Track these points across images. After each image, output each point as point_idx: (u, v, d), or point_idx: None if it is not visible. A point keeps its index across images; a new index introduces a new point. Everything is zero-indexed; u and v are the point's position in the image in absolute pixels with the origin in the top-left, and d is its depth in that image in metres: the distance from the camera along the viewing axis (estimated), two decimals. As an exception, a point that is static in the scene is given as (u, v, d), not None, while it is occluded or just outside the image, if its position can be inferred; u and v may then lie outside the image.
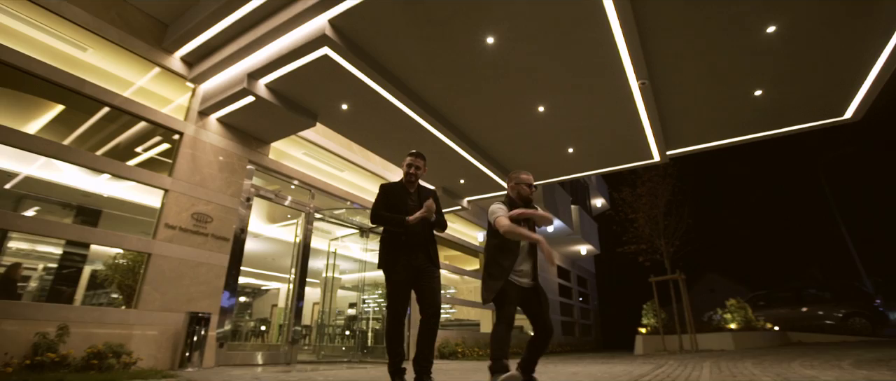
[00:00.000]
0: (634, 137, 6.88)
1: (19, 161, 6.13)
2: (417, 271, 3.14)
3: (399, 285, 3.10)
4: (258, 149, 6.32)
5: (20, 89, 5.29)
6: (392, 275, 3.12)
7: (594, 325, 19.70)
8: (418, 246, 3.18)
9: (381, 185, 3.42)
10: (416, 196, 3.37)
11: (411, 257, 3.13)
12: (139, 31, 5.24)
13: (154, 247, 4.94)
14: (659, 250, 10.85)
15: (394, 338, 3.09)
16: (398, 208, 3.23)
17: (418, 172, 3.38)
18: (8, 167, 7.08)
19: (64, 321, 4.08)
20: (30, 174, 7.46)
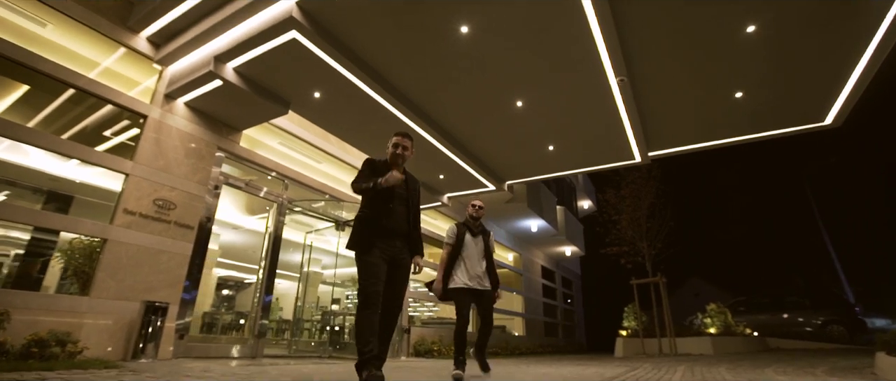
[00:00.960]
0: (615, 137, 6.79)
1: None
2: (392, 257, 2.84)
3: (372, 265, 2.74)
4: (228, 136, 6.14)
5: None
6: (364, 255, 2.77)
7: (578, 327, 19.68)
8: (398, 233, 2.90)
9: (366, 158, 3.12)
10: (404, 182, 2.99)
11: (389, 241, 2.84)
12: (103, 8, 5.05)
13: (110, 232, 4.75)
14: (641, 253, 10.81)
15: (365, 328, 2.62)
16: (386, 194, 2.88)
17: (405, 153, 3.03)
18: (-28, 149, 6.82)
19: (6, 306, 3.89)
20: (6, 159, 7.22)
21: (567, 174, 8.26)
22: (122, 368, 3.64)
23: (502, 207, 11.97)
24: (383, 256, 2.80)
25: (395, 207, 2.91)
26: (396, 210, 2.91)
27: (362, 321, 2.64)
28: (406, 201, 3.00)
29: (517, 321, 14.69)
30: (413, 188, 3.11)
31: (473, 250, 4.06)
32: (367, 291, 2.69)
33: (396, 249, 2.87)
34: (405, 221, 2.95)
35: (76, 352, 4.00)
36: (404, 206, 2.97)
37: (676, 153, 7.40)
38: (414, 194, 3.11)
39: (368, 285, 2.71)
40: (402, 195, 2.98)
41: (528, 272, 15.24)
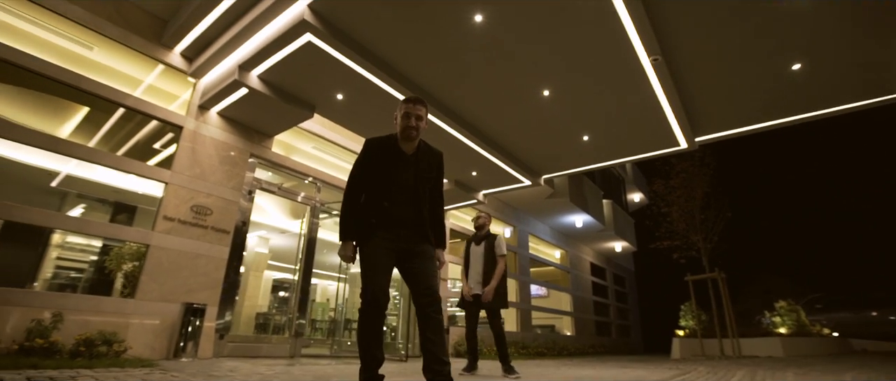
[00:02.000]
0: (656, 123, 6.31)
1: (57, 160, 6.46)
2: (400, 247, 2.39)
3: (373, 259, 2.32)
4: (260, 142, 6.35)
5: (42, 90, 5.58)
6: (364, 247, 2.37)
7: (633, 326, 18.72)
8: (405, 221, 2.42)
9: (365, 140, 2.56)
10: (413, 159, 2.49)
11: (394, 231, 2.39)
12: (138, 27, 5.37)
13: (152, 238, 5.04)
14: (695, 247, 10.04)
15: (366, 334, 2.27)
16: (386, 176, 2.44)
17: (419, 124, 2.49)
18: (50, 166, 7.56)
19: (60, 308, 4.21)
20: (69, 173, 7.95)
21: (607, 165, 7.80)
22: (155, 367, 3.82)
23: (543, 202, 11.59)
24: (387, 246, 2.35)
25: (396, 197, 2.43)
26: (399, 200, 2.43)
27: (360, 325, 2.30)
28: (414, 188, 2.46)
29: (566, 320, 14.19)
30: (427, 165, 2.54)
31: (476, 257, 4.66)
32: (365, 291, 2.29)
33: (402, 238, 2.39)
34: (410, 209, 2.43)
35: (121, 351, 4.26)
36: (410, 194, 2.45)
37: (728, 137, 6.76)
38: (428, 173, 2.53)
39: (369, 283, 2.29)
40: (407, 176, 2.46)
41: (575, 270, 14.69)
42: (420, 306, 2.34)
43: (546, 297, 14.72)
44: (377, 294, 2.28)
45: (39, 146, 4.84)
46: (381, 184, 2.44)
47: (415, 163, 2.49)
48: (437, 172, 2.60)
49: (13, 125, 4.65)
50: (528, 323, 11.46)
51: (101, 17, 5.07)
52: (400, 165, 2.47)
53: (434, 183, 2.60)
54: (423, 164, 2.52)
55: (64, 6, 4.84)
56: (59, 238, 7.83)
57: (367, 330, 2.28)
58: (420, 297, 2.34)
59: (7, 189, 8.84)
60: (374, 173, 2.46)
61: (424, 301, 2.33)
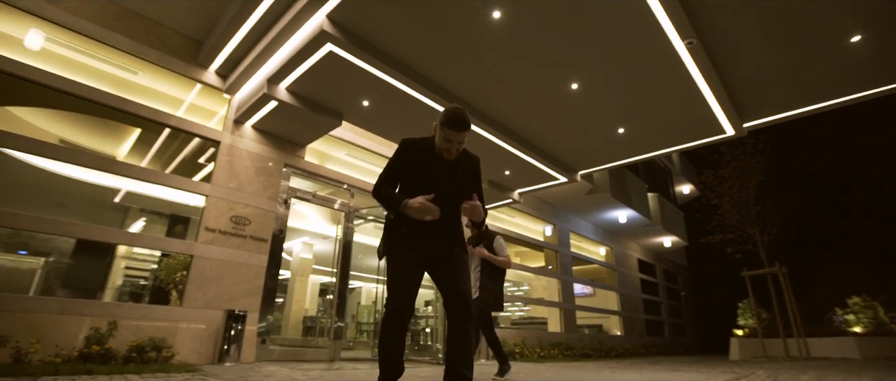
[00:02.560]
0: (697, 110, 5.92)
1: (118, 179, 6.97)
2: (432, 255, 2.28)
3: (400, 270, 2.23)
4: (294, 152, 6.55)
5: (99, 116, 6.05)
6: (392, 258, 2.29)
7: (688, 324, 17.75)
8: (431, 231, 2.28)
9: (401, 140, 2.42)
10: (448, 169, 2.36)
11: (424, 238, 2.28)
12: (176, 50, 5.69)
13: (196, 249, 5.31)
14: (751, 240, 9.34)
15: (386, 344, 2.18)
16: (420, 180, 2.31)
17: (460, 146, 2.33)
18: (113, 184, 8.19)
19: (115, 316, 4.53)
20: (129, 189, 8.58)
21: (647, 158, 7.41)
22: (197, 372, 4.01)
23: (583, 199, 11.22)
24: (417, 255, 2.25)
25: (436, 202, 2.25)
26: (438, 205, 2.25)
27: (381, 334, 2.19)
28: (448, 189, 2.33)
29: (614, 320, 13.67)
30: (463, 171, 2.41)
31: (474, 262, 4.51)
32: (390, 302, 2.19)
33: (431, 246, 2.27)
34: (445, 212, 2.27)
35: (169, 357, 4.52)
36: (443, 199, 2.29)
37: (780, 121, 6.23)
38: (463, 179, 2.41)
39: (394, 294, 2.19)
40: (443, 181, 2.32)
41: (622, 267, 14.12)
42: (451, 311, 2.20)
43: (592, 296, 14.25)
44: (400, 304, 2.18)
45: (98, 168, 5.25)
46: (414, 189, 2.30)
47: (451, 169, 2.37)
48: (473, 178, 2.47)
49: (79, 151, 5.07)
50: (572, 323, 11.13)
51: (143, 44, 5.42)
52: (435, 171, 2.34)
53: (471, 187, 2.44)
54: (459, 170, 2.39)
55: (110, 36, 5.20)
56: (123, 251, 8.46)
57: (388, 340, 2.19)
58: (451, 302, 2.21)
59: (81, 208, 9.68)
60: (408, 177, 2.36)
61: (455, 307, 2.19)
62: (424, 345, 8.27)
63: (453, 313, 2.20)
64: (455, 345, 2.16)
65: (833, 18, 4.43)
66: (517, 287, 15.97)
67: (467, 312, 2.18)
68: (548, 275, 11.70)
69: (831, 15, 4.38)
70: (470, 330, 2.18)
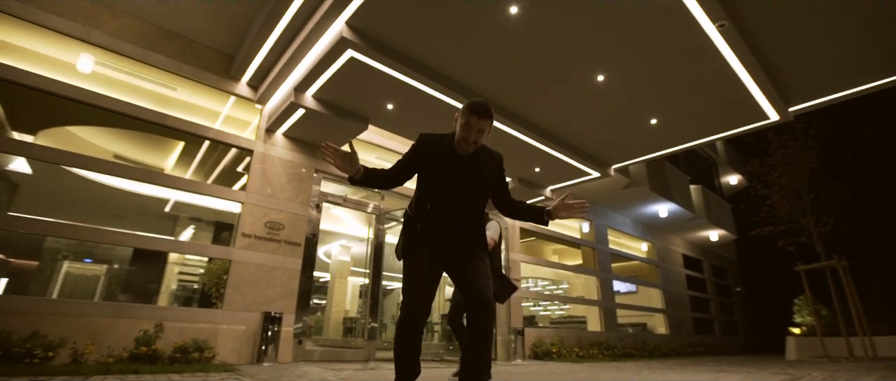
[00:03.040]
0: (735, 97, 5.59)
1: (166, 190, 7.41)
2: (448, 255, 2.22)
3: (415, 272, 2.19)
4: (323, 157, 6.71)
5: (142, 131, 6.46)
6: (407, 259, 2.25)
7: (741, 323, 16.79)
8: (448, 230, 2.23)
9: (420, 135, 2.32)
10: (471, 162, 2.25)
11: (440, 239, 2.22)
12: (210, 65, 5.97)
13: (233, 254, 5.55)
14: (805, 231, 8.71)
15: (401, 346, 2.15)
16: (439, 179, 2.22)
17: (479, 137, 2.20)
18: (162, 195, 8.72)
19: (161, 319, 4.81)
20: (177, 199, 9.10)
21: (684, 148, 7.06)
22: (234, 371, 4.18)
23: (620, 193, 10.86)
24: (431, 256, 2.19)
25: (441, 206, 2.22)
26: (448, 206, 2.22)
27: (396, 337, 2.16)
28: (470, 187, 2.24)
29: (658, 318, 13.14)
30: (489, 170, 2.30)
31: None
32: (404, 308, 2.15)
33: (446, 245, 2.22)
34: (466, 211, 2.24)
35: (210, 357, 4.74)
36: (460, 200, 2.23)
37: (832, 102, 5.78)
38: (487, 178, 2.30)
39: (409, 296, 2.16)
40: (463, 179, 2.24)
41: (665, 263, 13.55)
42: (470, 311, 2.13)
43: (635, 293, 13.77)
44: (414, 307, 2.15)
45: (142, 180, 5.59)
46: (431, 187, 2.24)
47: (473, 168, 2.25)
48: (499, 176, 2.38)
49: (130, 165, 5.44)
50: (612, 322, 10.80)
51: (180, 61, 5.72)
52: (455, 170, 2.23)
53: (499, 187, 2.38)
54: (483, 168, 2.27)
55: (150, 56, 5.53)
56: (175, 258, 8.98)
57: (403, 342, 2.16)
58: (470, 302, 2.14)
59: (137, 218, 10.37)
60: (425, 174, 2.27)
61: (475, 307, 2.11)
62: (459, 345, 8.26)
63: (471, 314, 2.15)
64: (471, 347, 2.12)
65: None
66: (556, 286, 15.68)
67: (485, 314, 2.11)
68: (585, 272, 11.42)
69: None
70: (489, 332, 2.11)
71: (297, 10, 4.71)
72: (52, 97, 4.92)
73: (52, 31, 5.02)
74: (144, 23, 5.57)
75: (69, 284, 12.14)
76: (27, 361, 3.73)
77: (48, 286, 11.48)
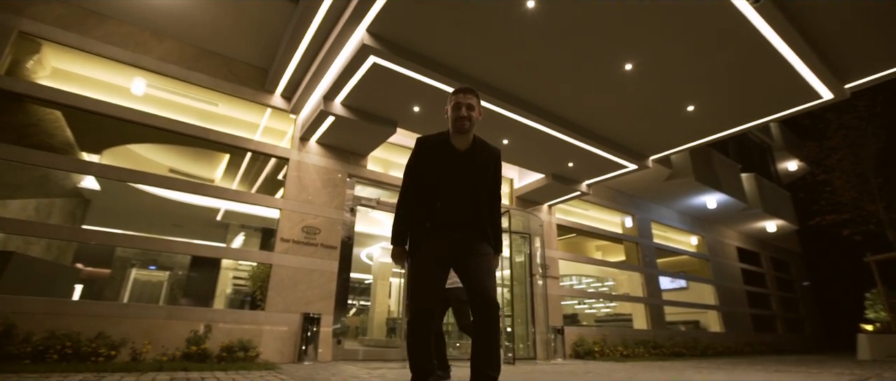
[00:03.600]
0: (780, 76, 5.22)
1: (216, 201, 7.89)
2: (453, 252, 2.26)
3: (420, 271, 2.23)
4: (357, 162, 6.91)
5: (190, 146, 6.94)
6: (414, 255, 2.29)
7: (807, 319, 15.58)
8: (461, 222, 2.29)
9: (417, 139, 2.44)
10: (468, 157, 2.34)
11: (448, 234, 2.27)
12: (247, 80, 6.31)
13: (274, 258, 5.83)
14: (873, 218, 7.97)
15: (414, 345, 2.19)
16: (440, 175, 2.31)
17: (471, 114, 2.32)
18: (213, 205, 9.28)
19: (210, 320, 5.14)
20: (227, 208, 9.66)
21: (728, 135, 6.65)
22: (274, 370, 4.40)
23: (662, 185, 10.40)
24: (439, 254, 2.24)
25: (449, 199, 2.30)
26: (452, 201, 2.29)
27: (408, 342, 2.20)
28: (469, 182, 2.32)
29: (712, 316, 12.46)
30: (484, 163, 2.38)
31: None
32: (413, 303, 2.19)
33: (456, 241, 2.26)
34: (466, 209, 2.31)
35: (254, 356, 5.01)
36: (465, 194, 2.31)
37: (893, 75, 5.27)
38: (485, 171, 2.37)
39: (417, 295, 2.20)
40: (462, 174, 2.31)
41: (717, 257, 12.82)
42: (474, 309, 2.18)
43: (685, 289, 13.13)
44: (422, 305, 2.19)
45: (190, 192, 6.00)
46: (434, 183, 2.32)
47: (470, 160, 2.34)
48: (494, 171, 2.44)
49: (180, 179, 5.89)
50: (660, 320, 10.35)
51: (219, 78, 6.09)
52: (454, 163, 2.32)
53: (492, 182, 2.45)
54: (479, 161, 2.36)
55: (192, 75, 5.93)
56: (228, 263, 9.53)
57: (414, 341, 2.20)
58: (474, 298, 2.19)
59: (194, 227, 11.11)
60: (428, 173, 2.35)
61: (478, 303, 2.16)
62: (497, 344, 8.21)
63: (475, 312, 2.19)
64: (478, 344, 2.15)
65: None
66: (602, 283, 15.23)
67: (489, 311, 2.14)
68: (627, 268, 11.02)
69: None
70: (493, 328, 2.14)
71: (321, 22, 4.89)
72: (111, 120, 5.40)
73: (107, 59, 5.50)
74: (185, 45, 5.97)
75: (137, 289, 13.19)
76: (93, 359, 4.11)
77: (119, 292, 12.54)
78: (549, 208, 9.29)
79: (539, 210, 9.13)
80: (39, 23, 5.16)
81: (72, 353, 4.06)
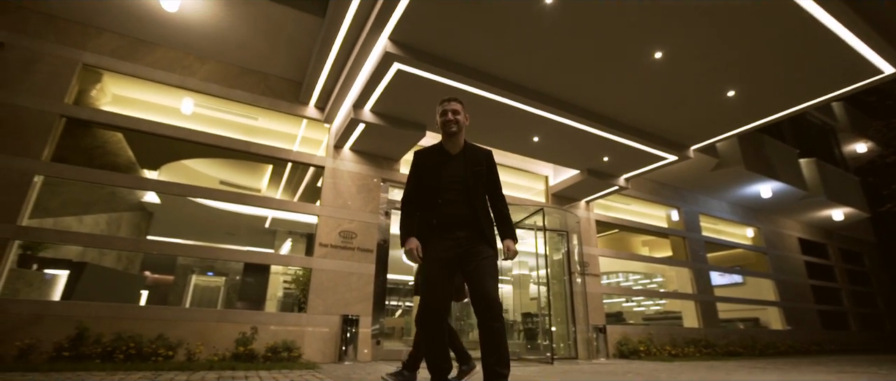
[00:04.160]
0: (831, 52, 4.85)
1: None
2: (457, 252, 2.37)
3: (428, 272, 2.35)
4: (389, 167, 7.08)
5: (239, 159, 7.39)
6: (423, 257, 2.43)
7: (887, 315, 14.22)
8: (461, 221, 2.41)
9: (414, 153, 2.68)
10: (461, 160, 2.53)
11: (448, 235, 2.40)
12: (283, 94, 6.63)
13: (313, 263, 6.09)
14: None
15: (428, 346, 2.33)
16: (437, 176, 2.48)
17: (457, 117, 2.55)
18: (261, 213, 9.79)
19: (257, 323, 5.45)
20: (274, 216, 10.17)
21: (776, 119, 6.22)
22: (314, 369, 4.61)
23: (709, 176, 9.89)
24: (444, 255, 2.36)
25: (448, 196, 2.44)
26: (452, 199, 2.44)
27: (423, 344, 2.43)
28: (464, 182, 2.47)
29: (772, 312, 11.68)
30: (475, 159, 2.55)
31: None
32: (422, 304, 2.32)
33: (460, 240, 2.38)
34: (466, 207, 2.43)
35: (296, 356, 5.26)
36: (462, 191, 2.45)
37: (966, 43, 4.75)
38: (476, 166, 2.53)
39: (426, 296, 2.31)
40: (456, 181, 2.48)
41: (776, 249, 12.01)
42: (477, 311, 2.29)
43: (742, 285, 12.39)
44: (431, 305, 2.29)
45: (236, 202, 6.39)
46: (435, 184, 2.49)
47: (463, 161, 2.53)
48: (487, 165, 2.59)
49: (228, 190, 6.28)
50: (712, 317, 9.83)
51: (257, 93, 6.45)
52: (448, 165, 2.52)
53: (488, 178, 2.59)
54: (470, 160, 2.54)
55: (233, 92, 6.32)
56: (278, 268, 10.02)
57: (428, 342, 2.33)
58: (476, 302, 2.30)
59: (246, 234, 11.77)
60: (428, 176, 2.53)
61: (481, 306, 2.27)
62: (538, 344, 8.13)
63: (479, 313, 2.28)
64: (485, 343, 2.24)
65: None
66: (650, 279, 14.66)
67: (491, 311, 2.24)
68: (673, 264, 10.55)
69: None
70: (498, 327, 2.23)
71: (345, 33, 5.07)
72: (165, 138, 5.86)
73: (157, 82, 5.98)
74: (225, 65, 6.37)
75: (198, 294, 14.14)
76: (153, 358, 4.49)
77: (182, 297, 13.49)
78: (586, 204, 9.08)
79: (576, 207, 8.94)
80: (99, 55, 5.70)
81: (135, 353, 4.45)
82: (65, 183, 5.98)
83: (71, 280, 5.89)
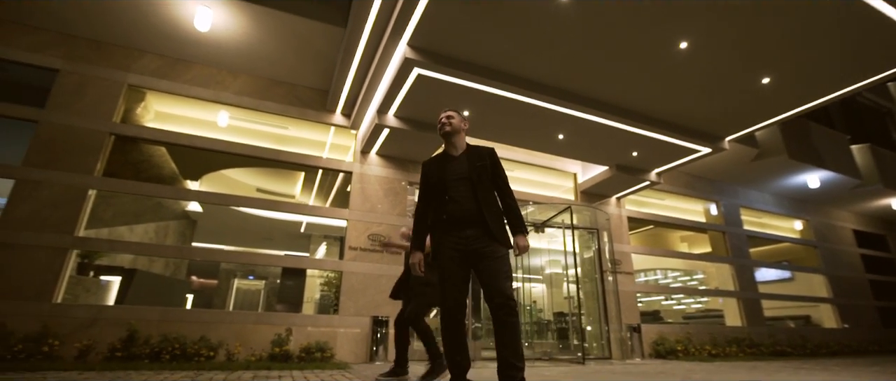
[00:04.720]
0: (874, 32, 4.55)
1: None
2: (469, 249, 2.45)
3: (444, 271, 2.45)
4: (415, 170, 7.19)
5: (272, 167, 7.70)
6: (437, 261, 2.53)
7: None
8: (468, 220, 2.50)
9: (422, 164, 2.82)
10: (464, 159, 2.66)
11: (457, 234, 2.48)
12: (310, 103, 6.87)
13: (344, 266, 6.28)
14: None
15: (448, 343, 2.41)
16: (444, 177, 2.60)
17: (451, 120, 2.71)
18: (296, 219, 10.16)
19: (292, 324, 5.68)
20: (308, 221, 10.51)
21: (817, 105, 5.87)
22: (345, 369, 4.75)
23: (749, 167, 9.45)
24: (456, 256, 2.45)
25: (455, 194, 2.53)
26: (459, 196, 2.52)
27: (443, 336, 2.43)
28: (469, 182, 2.55)
29: (825, 310, 11.01)
30: (478, 156, 2.66)
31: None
32: (441, 304, 2.43)
33: (469, 239, 2.45)
34: (473, 203, 2.50)
35: (329, 357, 5.44)
36: (468, 187, 2.53)
37: None
38: (480, 161, 2.63)
39: (443, 295, 2.43)
40: (461, 177, 2.57)
41: (827, 242, 11.31)
42: (492, 308, 2.34)
43: (790, 281, 11.75)
44: (448, 304, 2.41)
45: (268, 209, 6.67)
46: (441, 185, 2.60)
47: (466, 160, 2.65)
48: (491, 161, 2.66)
49: (263, 198, 6.58)
50: (756, 315, 9.38)
51: (286, 104, 6.71)
52: (453, 165, 2.65)
53: (494, 172, 2.65)
54: (473, 157, 2.66)
55: (264, 104, 6.60)
56: (314, 271, 10.35)
57: (447, 340, 2.41)
58: (492, 299, 2.35)
59: (282, 239, 12.22)
60: (433, 181, 2.65)
61: (496, 303, 2.33)
62: (569, 344, 8.02)
63: (494, 310, 2.34)
64: (500, 336, 2.31)
65: None
66: (690, 276, 14.12)
67: (505, 307, 2.30)
68: (712, 260, 10.13)
69: None
70: (512, 322, 2.30)
71: (366, 42, 5.21)
72: (203, 151, 6.21)
73: (194, 98, 6.33)
74: (255, 77, 6.66)
75: (240, 297, 14.77)
76: (196, 359, 4.77)
77: (226, 300, 14.13)
78: (617, 201, 8.88)
79: (607, 203, 8.76)
80: (142, 75, 6.09)
81: (180, 354, 4.74)
82: (116, 195, 6.43)
83: (123, 286, 6.33)
